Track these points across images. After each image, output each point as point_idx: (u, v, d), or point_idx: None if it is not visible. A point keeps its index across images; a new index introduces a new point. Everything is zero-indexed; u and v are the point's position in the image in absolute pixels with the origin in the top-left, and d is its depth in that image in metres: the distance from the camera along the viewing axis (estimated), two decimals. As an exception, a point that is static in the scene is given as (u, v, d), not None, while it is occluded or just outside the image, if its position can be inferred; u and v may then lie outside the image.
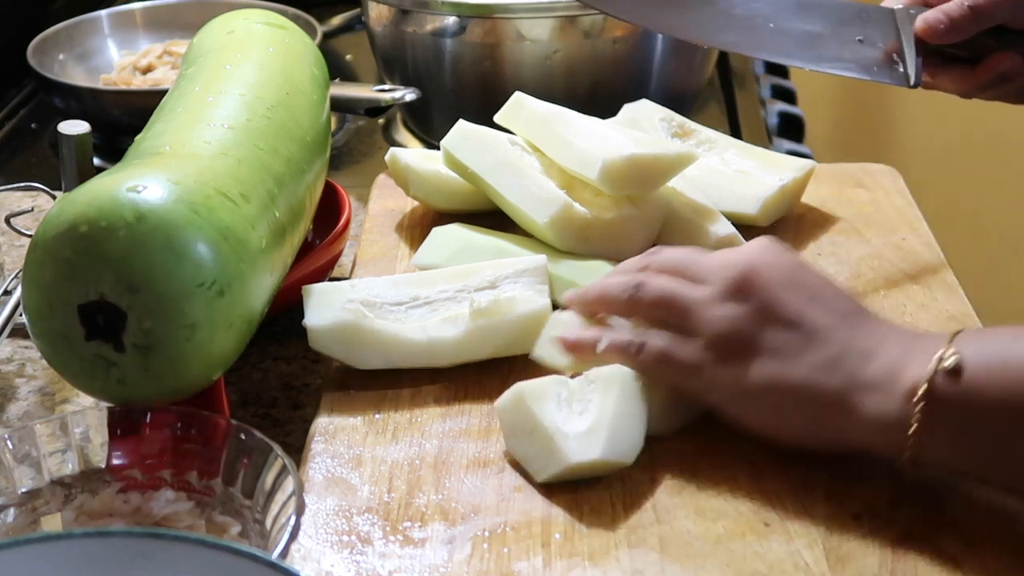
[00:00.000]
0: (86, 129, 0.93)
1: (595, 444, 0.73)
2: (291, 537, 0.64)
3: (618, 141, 0.92)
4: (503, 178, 0.94)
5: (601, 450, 0.72)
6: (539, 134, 0.95)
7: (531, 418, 0.74)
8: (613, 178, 0.89)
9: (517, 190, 0.93)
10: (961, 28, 0.93)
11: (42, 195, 1.00)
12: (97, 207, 0.71)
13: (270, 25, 0.99)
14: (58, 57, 1.36)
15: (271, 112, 0.87)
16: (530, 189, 0.92)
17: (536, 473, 0.74)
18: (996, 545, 0.69)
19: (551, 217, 0.90)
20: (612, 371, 0.76)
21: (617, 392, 0.75)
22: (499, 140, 0.96)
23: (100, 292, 0.71)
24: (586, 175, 0.90)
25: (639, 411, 0.75)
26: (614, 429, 0.73)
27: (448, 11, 1.18)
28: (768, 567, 0.68)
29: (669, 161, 0.91)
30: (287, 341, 0.93)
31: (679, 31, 0.98)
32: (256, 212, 0.78)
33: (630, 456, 0.74)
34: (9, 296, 0.92)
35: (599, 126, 0.96)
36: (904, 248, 0.95)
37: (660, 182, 0.92)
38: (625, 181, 0.90)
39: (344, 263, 0.99)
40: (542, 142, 0.95)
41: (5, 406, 0.87)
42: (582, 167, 0.91)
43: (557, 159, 0.93)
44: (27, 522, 0.71)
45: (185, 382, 0.74)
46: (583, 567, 0.68)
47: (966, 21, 0.93)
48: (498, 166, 0.94)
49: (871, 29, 0.96)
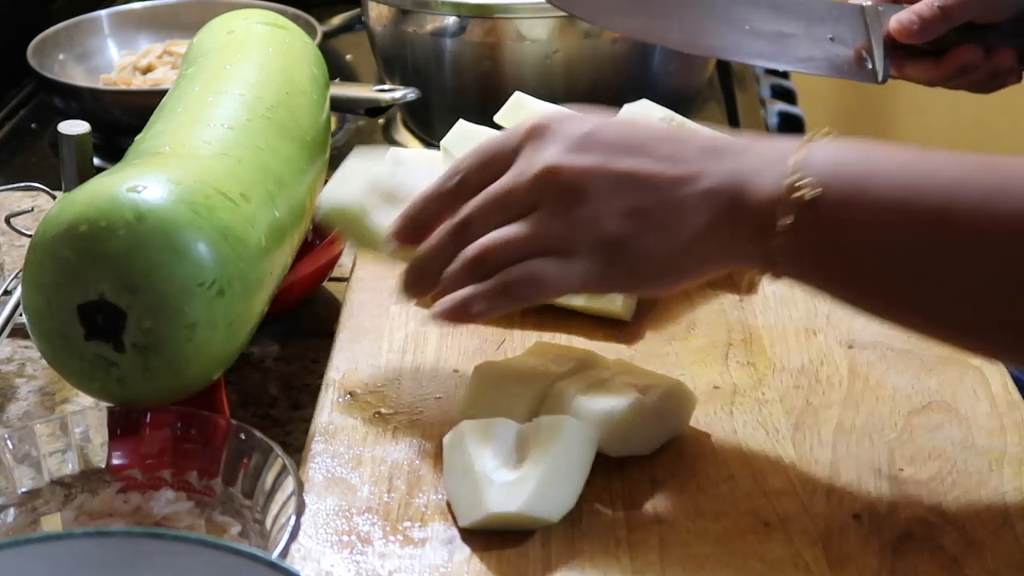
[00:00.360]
0: (86, 129, 0.93)
1: (517, 497, 0.68)
2: (291, 537, 0.64)
3: None
4: None
5: (521, 504, 0.68)
6: None
7: (467, 459, 0.71)
8: None
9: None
10: (932, 28, 0.98)
11: (42, 195, 1.00)
12: (97, 207, 0.71)
13: (270, 25, 0.99)
14: (58, 57, 1.36)
15: (271, 112, 0.87)
16: None
17: (460, 517, 0.70)
18: (996, 545, 0.69)
19: None
20: (558, 421, 0.72)
21: (559, 446, 0.70)
22: None
23: (100, 292, 0.71)
24: None
25: (578, 467, 0.71)
26: (542, 484, 0.69)
27: (448, 11, 1.18)
28: (768, 567, 0.68)
29: None
30: (287, 341, 0.93)
31: (654, 36, 1.01)
32: (256, 212, 0.78)
33: (555, 514, 0.69)
34: (9, 296, 0.92)
35: None
36: (904, 248, 0.95)
37: None
38: None
39: (344, 263, 0.99)
40: None
41: (5, 406, 0.87)
42: None
43: None
44: (27, 522, 0.71)
45: (185, 382, 0.74)
46: (583, 567, 0.68)
47: (937, 21, 0.97)
48: None
49: (842, 27, 1.00)
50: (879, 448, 0.75)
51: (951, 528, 0.70)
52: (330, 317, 0.93)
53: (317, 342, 0.82)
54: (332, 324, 0.89)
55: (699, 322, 0.88)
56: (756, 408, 0.79)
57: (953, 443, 0.75)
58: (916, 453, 0.75)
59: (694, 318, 0.89)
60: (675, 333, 0.87)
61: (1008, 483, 0.73)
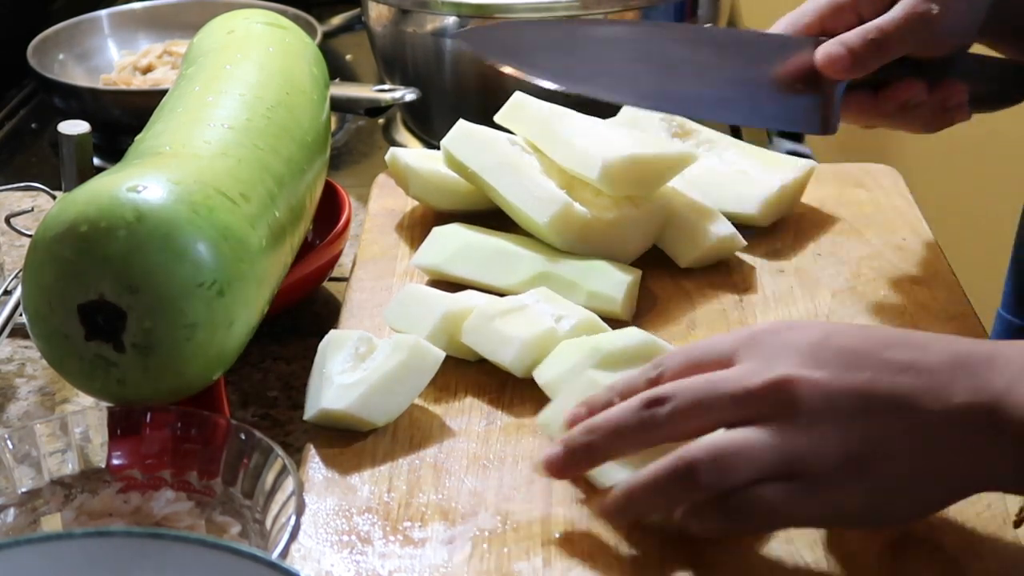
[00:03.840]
0: (86, 129, 0.93)
1: (348, 397, 0.77)
2: (291, 537, 0.64)
3: (618, 141, 0.92)
4: (503, 178, 0.93)
5: (348, 404, 0.77)
6: (539, 134, 0.95)
7: (322, 361, 0.80)
8: (613, 178, 0.89)
9: (517, 190, 0.93)
10: (863, 63, 0.85)
11: (42, 195, 1.00)
12: (97, 207, 0.71)
13: (270, 25, 0.99)
14: (58, 57, 1.36)
15: (271, 112, 0.87)
16: (530, 189, 0.92)
17: (306, 411, 0.79)
18: (996, 545, 0.69)
19: (551, 217, 0.90)
20: (405, 339, 0.79)
21: (399, 359, 0.78)
22: (499, 140, 0.96)
23: (100, 292, 0.71)
24: (586, 175, 0.90)
25: (413, 382, 0.78)
26: (374, 390, 0.77)
27: (448, 11, 1.18)
28: (768, 567, 0.68)
29: (669, 161, 0.91)
30: (287, 341, 0.93)
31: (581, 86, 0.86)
32: (256, 212, 0.78)
33: (380, 418, 0.77)
34: (9, 296, 0.92)
35: (599, 126, 0.96)
36: (904, 248, 0.95)
37: (660, 182, 0.92)
38: (625, 181, 0.90)
39: (344, 263, 0.99)
40: (542, 142, 0.95)
41: (5, 406, 0.87)
42: (582, 167, 0.91)
43: (557, 159, 0.93)
44: (27, 522, 0.71)
45: (185, 382, 0.74)
46: (583, 567, 0.68)
47: (869, 55, 0.85)
48: (498, 166, 0.94)
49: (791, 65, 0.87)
50: (879, 448, 0.75)
51: (951, 528, 0.70)
52: (330, 317, 0.93)
53: (317, 342, 0.82)
54: (332, 324, 0.89)
55: (699, 322, 0.88)
56: (756, 408, 0.79)
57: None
58: (916, 453, 0.75)
59: (694, 318, 0.89)
60: (675, 333, 0.87)
61: (1008, 483, 0.73)
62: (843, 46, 0.85)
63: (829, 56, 0.85)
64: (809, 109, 0.87)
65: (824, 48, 0.86)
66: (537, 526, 0.71)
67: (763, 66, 0.87)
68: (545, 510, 0.72)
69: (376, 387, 0.77)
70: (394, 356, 0.78)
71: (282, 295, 0.83)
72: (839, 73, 0.85)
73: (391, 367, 0.78)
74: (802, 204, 1.01)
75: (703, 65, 0.88)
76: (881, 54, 0.85)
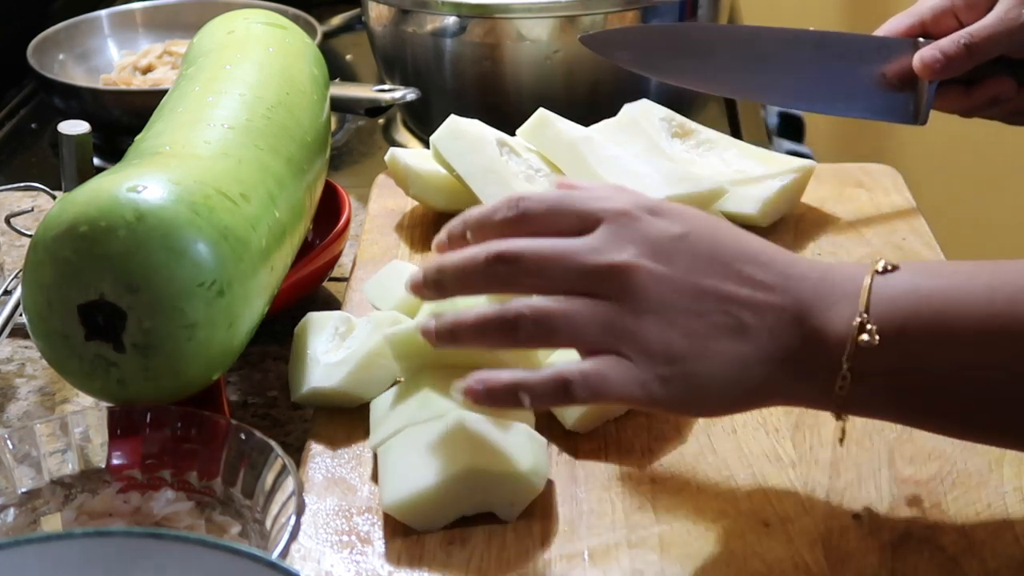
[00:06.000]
0: (86, 129, 0.93)
1: (337, 375, 0.79)
2: (291, 537, 0.64)
3: (649, 177, 0.91)
4: (486, 187, 0.93)
5: (338, 381, 0.79)
6: (565, 158, 0.95)
7: (304, 343, 0.82)
8: None
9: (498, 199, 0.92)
10: (956, 66, 0.95)
11: (42, 195, 1.00)
12: (97, 207, 0.71)
13: (270, 25, 0.99)
14: (58, 57, 1.36)
15: (271, 112, 0.87)
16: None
17: (292, 392, 0.81)
18: (996, 545, 0.69)
19: None
20: (383, 315, 0.81)
21: (381, 335, 0.79)
22: (487, 140, 0.96)
23: (100, 292, 0.71)
24: None
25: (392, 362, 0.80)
26: (360, 367, 0.79)
27: (448, 11, 1.18)
28: (768, 567, 0.68)
29: (701, 199, 0.91)
30: (287, 341, 0.92)
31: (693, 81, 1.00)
32: (256, 212, 0.78)
33: (369, 393, 0.79)
34: (9, 296, 0.92)
35: (627, 157, 0.95)
36: (904, 248, 0.95)
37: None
38: None
39: (344, 263, 0.99)
40: (566, 166, 0.95)
41: (5, 406, 0.87)
42: None
43: None
44: (27, 522, 0.71)
45: (185, 382, 0.74)
46: (583, 567, 0.68)
47: (961, 58, 0.95)
48: (482, 172, 0.94)
49: (891, 65, 0.98)
50: (879, 448, 0.75)
51: (951, 528, 0.70)
52: (330, 317, 0.93)
53: (317, 342, 0.83)
54: (332, 324, 0.89)
55: (699, 322, 0.88)
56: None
57: (953, 443, 0.75)
58: (916, 453, 0.75)
59: (694, 318, 0.88)
60: (675, 333, 0.87)
61: (1008, 483, 0.73)
62: (939, 51, 0.95)
63: (924, 60, 0.96)
64: (902, 103, 0.98)
65: (921, 53, 0.96)
66: (537, 526, 0.71)
67: (860, 64, 0.98)
68: (545, 510, 0.72)
69: (362, 363, 0.79)
70: (376, 333, 0.80)
71: (282, 295, 0.83)
72: (933, 75, 0.96)
73: (375, 343, 0.79)
74: (802, 204, 1.01)
75: (802, 62, 0.98)
76: (973, 58, 0.95)
